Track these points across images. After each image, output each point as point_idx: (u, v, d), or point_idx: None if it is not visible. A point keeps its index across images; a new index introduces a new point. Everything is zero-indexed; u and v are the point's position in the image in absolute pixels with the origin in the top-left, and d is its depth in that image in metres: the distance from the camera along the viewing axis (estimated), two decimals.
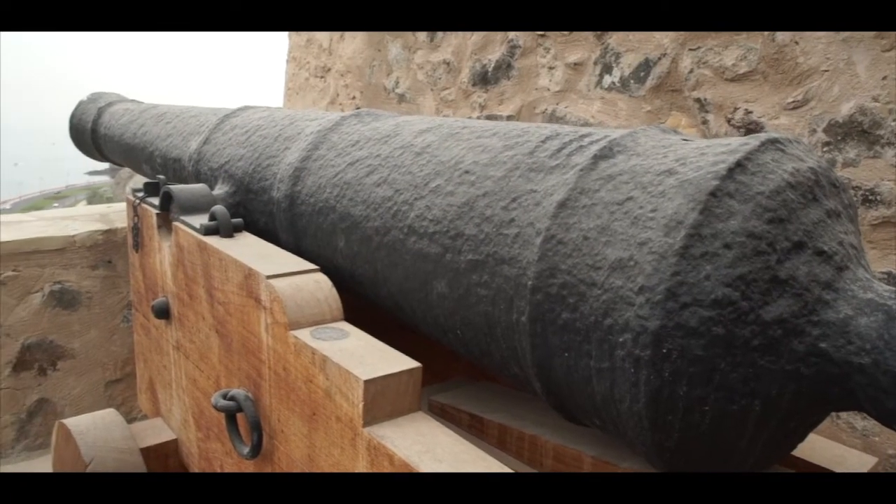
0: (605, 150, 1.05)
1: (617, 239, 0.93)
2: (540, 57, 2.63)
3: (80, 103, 3.09)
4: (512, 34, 2.72)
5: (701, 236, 0.85)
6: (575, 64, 2.50)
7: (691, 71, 2.11)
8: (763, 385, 0.87)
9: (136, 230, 2.03)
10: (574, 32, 2.49)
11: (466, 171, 1.21)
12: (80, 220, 2.99)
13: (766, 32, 1.91)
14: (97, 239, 2.79)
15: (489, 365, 1.23)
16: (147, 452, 1.85)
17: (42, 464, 2.66)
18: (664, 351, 0.85)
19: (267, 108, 2.03)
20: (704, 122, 2.09)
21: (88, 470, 1.74)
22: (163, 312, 1.84)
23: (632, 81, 2.29)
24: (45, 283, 2.69)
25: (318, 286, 1.35)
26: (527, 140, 1.19)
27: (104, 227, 2.84)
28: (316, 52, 3.76)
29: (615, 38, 2.34)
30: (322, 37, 3.71)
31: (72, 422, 1.87)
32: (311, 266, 1.40)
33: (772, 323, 0.85)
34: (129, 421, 2.89)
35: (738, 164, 0.89)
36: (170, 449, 1.91)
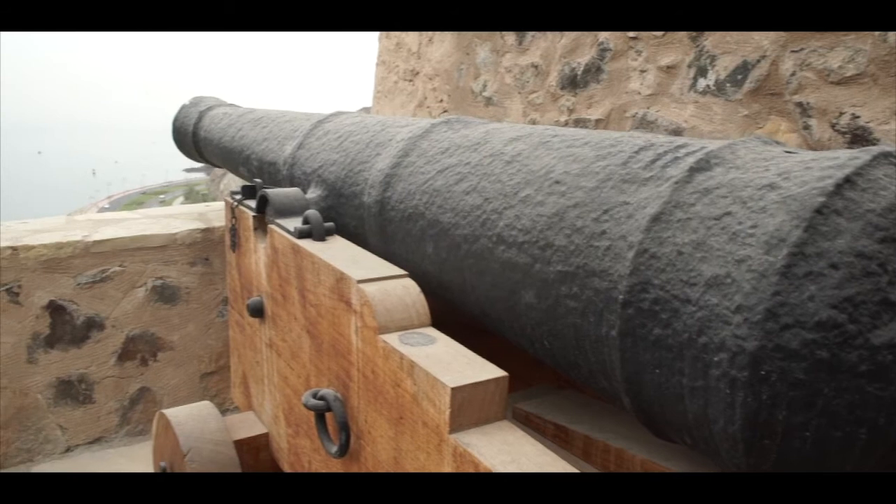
0: (702, 162, 1.02)
1: (713, 255, 0.90)
2: (631, 60, 2.58)
3: (183, 107, 3.25)
4: (602, 37, 2.68)
5: (805, 255, 0.82)
6: (668, 67, 2.43)
7: (793, 74, 2.02)
8: (870, 412, 0.82)
9: (234, 231, 2.12)
10: (668, 34, 2.43)
11: (557, 181, 1.21)
12: (180, 219, 3.14)
13: (876, 33, 1.81)
14: (196, 237, 2.92)
15: (577, 376, 1.21)
16: (240, 445, 1.92)
17: (142, 449, 2.81)
18: (762, 373, 0.82)
19: (359, 114, 2.08)
20: (806, 127, 2.00)
21: (186, 460, 1.83)
22: (257, 311, 1.91)
23: (728, 85, 2.21)
24: (148, 279, 2.84)
25: (406, 291, 1.37)
26: (619, 150, 1.17)
27: (202, 225, 2.97)
28: (405, 55, 3.81)
29: (711, 40, 2.26)
30: (411, 40, 3.75)
31: (171, 412, 1.97)
32: (400, 271, 1.43)
33: (881, 348, 0.81)
34: (222, 412, 3.02)
35: (847, 180, 0.85)
36: (261, 442, 1.98)
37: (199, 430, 1.89)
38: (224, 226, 2.95)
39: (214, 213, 3.30)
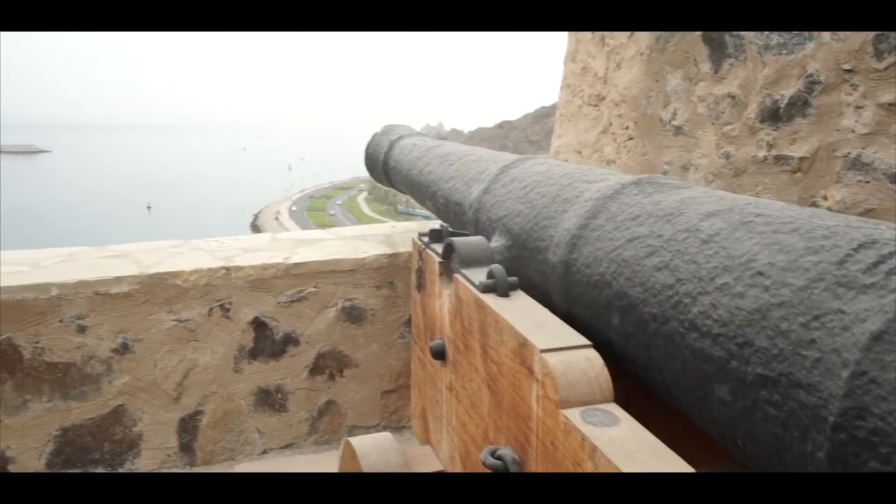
0: None
1: None
2: (845, 94, 2.36)
3: (375, 135, 3.44)
4: (811, 68, 2.47)
5: None
6: (889, 104, 2.20)
7: None
8: None
9: (420, 273, 2.20)
10: (889, 68, 2.19)
11: (760, 273, 1.13)
12: (368, 241, 3.32)
13: None
14: (382, 262, 3.08)
15: None
16: None
17: (328, 458, 3.02)
18: None
19: (545, 161, 2.08)
20: None
21: None
22: (439, 354, 1.98)
23: None
24: (338, 300, 3.04)
25: (589, 364, 1.35)
26: (835, 245, 1.07)
27: (389, 250, 3.13)
28: (591, 80, 3.75)
29: None
30: (598, 65, 3.69)
31: (356, 441, 2.09)
32: (584, 341, 1.41)
33: None
34: (399, 430, 3.16)
35: None
36: None
37: (381, 463, 1.98)
38: (408, 251, 3.09)
39: (400, 236, 3.46)
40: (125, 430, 2.81)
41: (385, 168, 3.23)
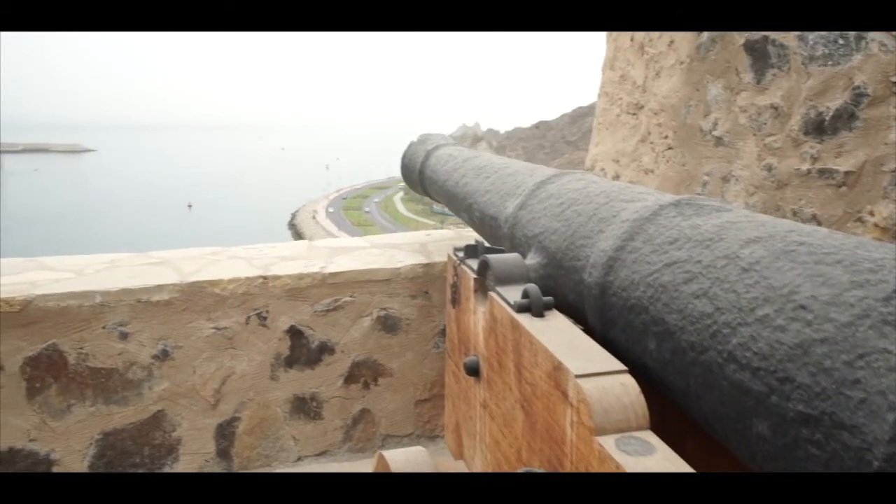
0: None
1: None
2: (893, 107, 2.29)
3: (411, 144, 3.44)
4: (858, 80, 2.41)
5: None
6: None
7: None
8: None
9: (455, 288, 2.20)
10: None
11: (802, 306, 1.10)
12: (403, 250, 3.33)
13: None
14: (418, 272, 3.09)
15: None
16: None
17: (362, 466, 3.03)
18: None
19: (582, 178, 2.06)
20: None
21: None
22: (473, 371, 1.97)
23: None
24: (373, 309, 3.05)
25: (624, 390, 1.34)
26: (881, 280, 1.04)
27: (424, 260, 3.13)
28: (629, 88, 3.71)
29: None
30: (636, 73, 3.65)
31: (390, 455, 2.09)
32: (620, 366, 1.40)
33: None
34: (432, 439, 3.17)
35: None
36: None
37: None
38: (443, 261, 3.09)
39: (435, 245, 3.46)
40: (164, 435, 2.86)
41: (421, 178, 3.24)
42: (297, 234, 79.37)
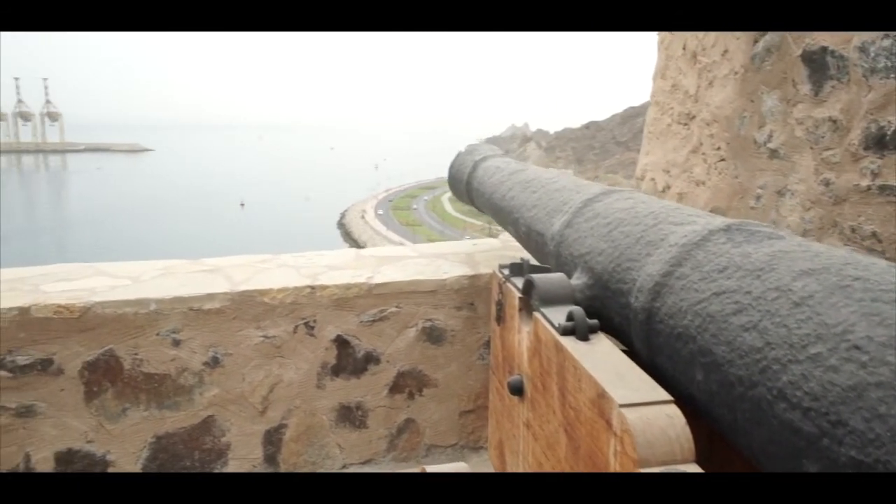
0: None
1: None
2: None
3: (459, 155, 3.45)
4: None
5: None
6: None
7: None
8: None
9: (500, 306, 2.20)
10: None
11: (856, 347, 1.06)
12: (449, 260, 3.34)
13: None
14: (463, 283, 3.09)
15: None
16: None
17: None
18: None
19: (630, 196, 2.03)
20: None
21: None
22: (517, 390, 1.97)
23: None
24: (419, 320, 3.07)
25: (670, 422, 1.32)
26: None
27: (470, 272, 3.13)
28: (681, 97, 3.64)
29: None
30: (689, 83, 3.58)
31: (432, 470, 2.10)
32: (665, 396, 1.37)
33: None
34: (476, 450, 3.17)
35: None
36: None
37: None
38: (489, 273, 3.09)
39: (481, 255, 3.46)
40: (214, 440, 2.93)
41: (468, 189, 3.24)
42: (346, 234, 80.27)
